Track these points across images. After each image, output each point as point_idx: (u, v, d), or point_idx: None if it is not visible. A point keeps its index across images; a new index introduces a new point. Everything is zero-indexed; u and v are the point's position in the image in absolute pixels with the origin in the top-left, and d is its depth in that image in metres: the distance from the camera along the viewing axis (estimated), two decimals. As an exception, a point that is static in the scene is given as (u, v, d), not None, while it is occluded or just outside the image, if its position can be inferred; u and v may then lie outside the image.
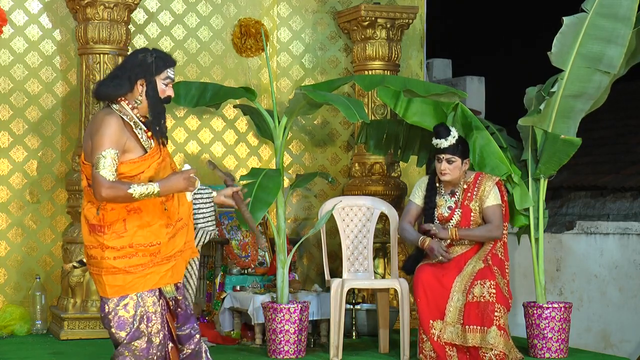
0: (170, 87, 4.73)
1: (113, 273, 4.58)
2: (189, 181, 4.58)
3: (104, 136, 4.50)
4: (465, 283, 6.42)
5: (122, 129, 4.57)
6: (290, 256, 6.88)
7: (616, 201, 10.19)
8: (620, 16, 6.67)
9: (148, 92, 4.64)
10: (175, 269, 4.72)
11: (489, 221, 6.61)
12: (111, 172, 4.47)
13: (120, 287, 4.58)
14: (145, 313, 4.61)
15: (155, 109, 4.66)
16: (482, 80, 11.98)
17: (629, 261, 8.98)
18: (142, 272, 4.59)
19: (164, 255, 4.63)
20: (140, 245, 4.57)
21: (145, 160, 4.61)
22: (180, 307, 4.77)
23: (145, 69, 4.63)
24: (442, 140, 6.55)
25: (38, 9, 7.80)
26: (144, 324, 4.60)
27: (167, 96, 4.70)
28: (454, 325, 6.39)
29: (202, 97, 7.13)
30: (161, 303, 4.67)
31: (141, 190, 4.47)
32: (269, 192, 6.50)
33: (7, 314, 7.52)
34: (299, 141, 8.44)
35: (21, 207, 7.75)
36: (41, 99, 7.79)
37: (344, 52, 8.55)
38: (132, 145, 4.59)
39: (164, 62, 4.66)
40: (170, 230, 4.66)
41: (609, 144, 11.12)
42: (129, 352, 4.59)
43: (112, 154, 4.48)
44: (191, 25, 8.18)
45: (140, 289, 4.60)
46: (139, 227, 4.58)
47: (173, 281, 4.71)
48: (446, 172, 6.57)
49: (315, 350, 7.02)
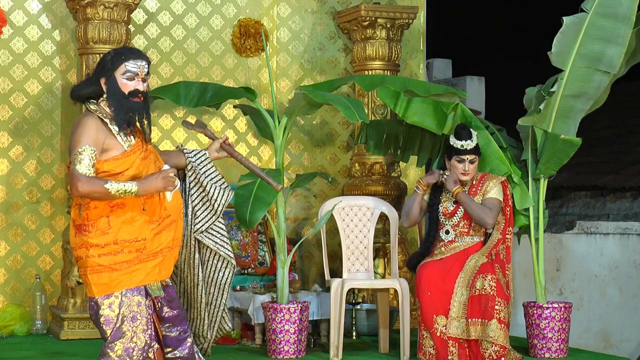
0: (139, 80, 4.67)
1: (98, 271, 4.59)
2: (166, 180, 4.60)
3: (81, 135, 4.56)
4: (468, 278, 6.46)
5: (99, 128, 4.61)
6: (290, 256, 6.87)
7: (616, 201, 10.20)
8: (620, 16, 6.67)
9: (108, 89, 4.65)
10: (163, 266, 4.70)
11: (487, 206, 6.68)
12: (87, 168, 4.53)
13: (106, 285, 4.59)
14: (130, 312, 4.60)
15: (119, 104, 4.63)
16: (482, 80, 11.97)
17: (629, 261, 8.99)
18: (128, 269, 4.59)
19: (149, 251, 4.63)
20: (125, 241, 4.59)
21: (127, 156, 4.63)
22: (171, 307, 4.75)
23: (104, 67, 4.68)
24: (469, 142, 6.65)
25: (38, 9, 7.80)
26: (128, 323, 4.59)
27: (133, 90, 4.66)
28: (458, 320, 6.42)
29: (202, 97, 7.13)
30: (147, 303, 4.66)
31: (118, 187, 4.52)
32: (269, 192, 6.49)
33: (7, 314, 7.52)
34: (298, 141, 8.44)
35: (21, 207, 7.75)
36: (41, 99, 7.79)
37: (343, 53, 8.55)
38: (112, 143, 4.63)
39: (121, 57, 4.66)
40: (155, 226, 4.65)
41: (609, 144, 11.13)
42: (112, 352, 4.58)
43: (89, 151, 4.54)
44: (191, 25, 8.18)
45: (125, 286, 4.60)
46: (123, 223, 4.60)
47: (160, 278, 4.70)
48: (469, 172, 6.69)
49: (315, 350, 7.02)
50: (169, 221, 4.71)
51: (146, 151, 4.73)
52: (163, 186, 4.60)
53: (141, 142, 4.72)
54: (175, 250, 4.78)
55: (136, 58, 4.68)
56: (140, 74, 4.67)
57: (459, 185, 6.64)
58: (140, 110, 4.67)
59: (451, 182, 6.64)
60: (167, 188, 4.61)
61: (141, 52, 4.77)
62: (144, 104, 4.69)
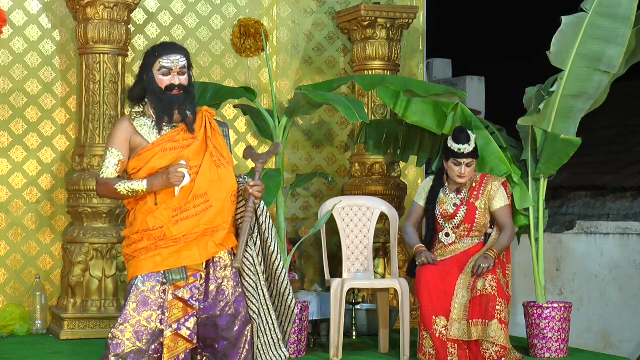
0: (174, 74, 4.70)
1: (127, 260, 4.76)
2: (173, 176, 4.60)
3: (109, 138, 4.76)
4: (469, 279, 6.45)
5: (125, 128, 4.73)
6: (290, 256, 6.88)
7: (616, 201, 10.20)
8: (619, 16, 6.67)
9: (147, 86, 4.72)
10: (184, 252, 4.65)
11: (502, 224, 6.69)
12: (109, 171, 4.70)
13: (131, 272, 4.70)
14: (142, 297, 4.60)
15: (158, 99, 4.69)
16: (482, 80, 11.98)
17: (629, 261, 8.99)
18: (146, 255, 4.64)
19: (170, 237, 4.63)
20: (143, 231, 4.66)
21: (147, 150, 4.68)
22: (209, 296, 4.68)
23: (143, 65, 4.76)
24: (466, 146, 6.62)
25: (38, 9, 7.80)
26: (140, 307, 4.60)
27: (169, 84, 4.69)
28: (459, 322, 6.41)
29: (202, 97, 7.13)
30: (163, 289, 4.65)
31: (127, 186, 4.64)
32: (269, 192, 6.49)
33: (7, 314, 7.52)
34: (296, 141, 8.44)
35: (21, 207, 7.75)
36: (41, 99, 7.79)
37: (342, 53, 8.55)
38: (138, 141, 4.72)
39: (155, 54, 4.72)
40: (178, 214, 4.65)
41: (609, 143, 11.14)
42: (122, 335, 4.58)
43: (112, 153, 4.70)
44: (191, 25, 8.18)
45: (142, 272, 4.63)
46: (144, 214, 4.67)
47: (179, 264, 4.64)
48: (465, 175, 6.65)
49: (315, 350, 7.02)
50: (205, 207, 4.66)
51: (182, 140, 4.71)
52: (169, 181, 4.61)
53: (175, 132, 4.72)
54: (216, 235, 4.68)
55: (170, 53, 4.70)
56: (175, 68, 4.69)
57: (489, 256, 6.48)
58: (180, 103, 4.71)
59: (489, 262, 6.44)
60: (175, 183, 4.62)
61: (176, 45, 4.79)
62: (184, 96, 4.71)
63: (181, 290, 4.68)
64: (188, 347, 4.71)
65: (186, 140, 4.74)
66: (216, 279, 4.72)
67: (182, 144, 4.73)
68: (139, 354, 4.58)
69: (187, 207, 4.67)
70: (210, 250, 4.70)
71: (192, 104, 4.76)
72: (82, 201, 7.40)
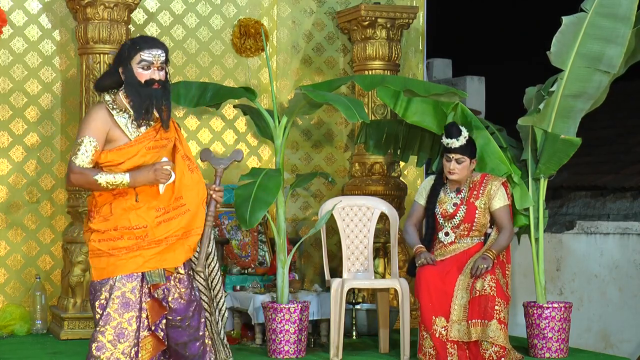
0: (155, 69, 4.66)
1: (98, 255, 4.63)
2: (159, 173, 4.59)
3: (83, 125, 4.63)
4: (468, 280, 6.45)
5: (104, 119, 4.63)
6: (290, 256, 6.88)
7: (616, 201, 10.20)
8: (619, 16, 6.67)
9: (125, 79, 4.66)
10: (169, 254, 4.65)
11: (501, 224, 6.69)
12: (83, 159, 4.57)
13: (103, 270, 4.60)
14: (123, 298, 4.59)
15: (136, 92, 4.63)
16: (482, 80, 11.98)
17: (629, 261, 8.99)
18: (126, 255, 4.59)
19: (152, 239, 4.61)
20: (124, 228, 4.59)
21: (131, 146, 4.63)
22: (182, 297, 4.71)
23: (121, 57, 4.70)
24: (454, 140, 6.60)
25: (38, 9, 7.80)
26: (120, 309, 4.58)
27: (149, 79, 4.65)
28: (459, 322, 6.41)
29: (202, 97, 7.13)
30: (143, 290, 4.64)
31: (107, 178, 4.56)
32: (269, 192, 6.49)
33: (7, 314, 7.52)
34: (295, 141, 8.44)
35: (21, 207, 7.75)
36: (41, 99, 7.79)
37: (341, 53, 8.55)
38: (117, 135, 4.64)
39: (136, 47, 4.67)
40: (161, 214, 4.64)
41: (609, 143, 11.14)
42: (102, 337, 4.57)
43: (87, 142, 4.58)
44: (191, 25, 8.18)
45: (121, 272, 4.59)
46: (124, 210, 4.61)
47: (161, 266, 4.64)
48: (455, 171, 6.63)
49: (315, 350, 7.02)
50: (183, 210, 4.67)
51: (160, 140, 4.71)
52: (155, 178, 4.59)
53: (155, 131, 4.69)
54: (190, 239, 4.70)
55: (151, 47, 4.67)
56: (156, 62, 4.66)
57: (487, 256, 6.48)
58: (158, 97, 4.65)
59: (487, 262, 6.44)
60: (160, 180, 4.60)
61: (156, 40, 4.77)
62: (162, 91, 4.67)
63: (157, 292, 4.69)
64: (161, 348, 4.74)
65: (162, 140, 4.72)
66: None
67: (160, 144, 4.71)
68: (120, 356, 4.58)
69: (169, 208, 4.66)
70: (187, 254, 4.73)
71: (169, 100, 4.73)
72: (82, 201, 7.40)
